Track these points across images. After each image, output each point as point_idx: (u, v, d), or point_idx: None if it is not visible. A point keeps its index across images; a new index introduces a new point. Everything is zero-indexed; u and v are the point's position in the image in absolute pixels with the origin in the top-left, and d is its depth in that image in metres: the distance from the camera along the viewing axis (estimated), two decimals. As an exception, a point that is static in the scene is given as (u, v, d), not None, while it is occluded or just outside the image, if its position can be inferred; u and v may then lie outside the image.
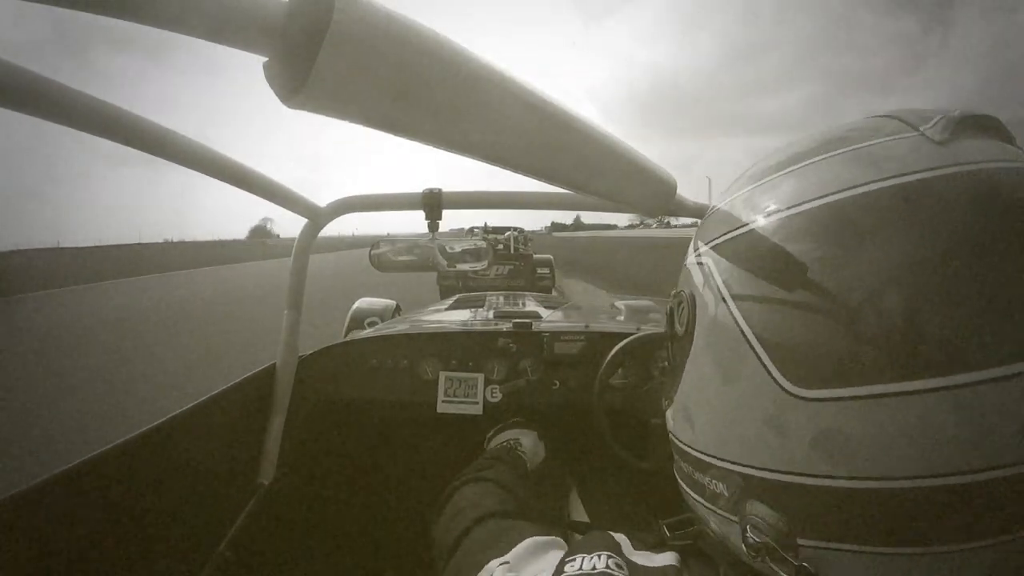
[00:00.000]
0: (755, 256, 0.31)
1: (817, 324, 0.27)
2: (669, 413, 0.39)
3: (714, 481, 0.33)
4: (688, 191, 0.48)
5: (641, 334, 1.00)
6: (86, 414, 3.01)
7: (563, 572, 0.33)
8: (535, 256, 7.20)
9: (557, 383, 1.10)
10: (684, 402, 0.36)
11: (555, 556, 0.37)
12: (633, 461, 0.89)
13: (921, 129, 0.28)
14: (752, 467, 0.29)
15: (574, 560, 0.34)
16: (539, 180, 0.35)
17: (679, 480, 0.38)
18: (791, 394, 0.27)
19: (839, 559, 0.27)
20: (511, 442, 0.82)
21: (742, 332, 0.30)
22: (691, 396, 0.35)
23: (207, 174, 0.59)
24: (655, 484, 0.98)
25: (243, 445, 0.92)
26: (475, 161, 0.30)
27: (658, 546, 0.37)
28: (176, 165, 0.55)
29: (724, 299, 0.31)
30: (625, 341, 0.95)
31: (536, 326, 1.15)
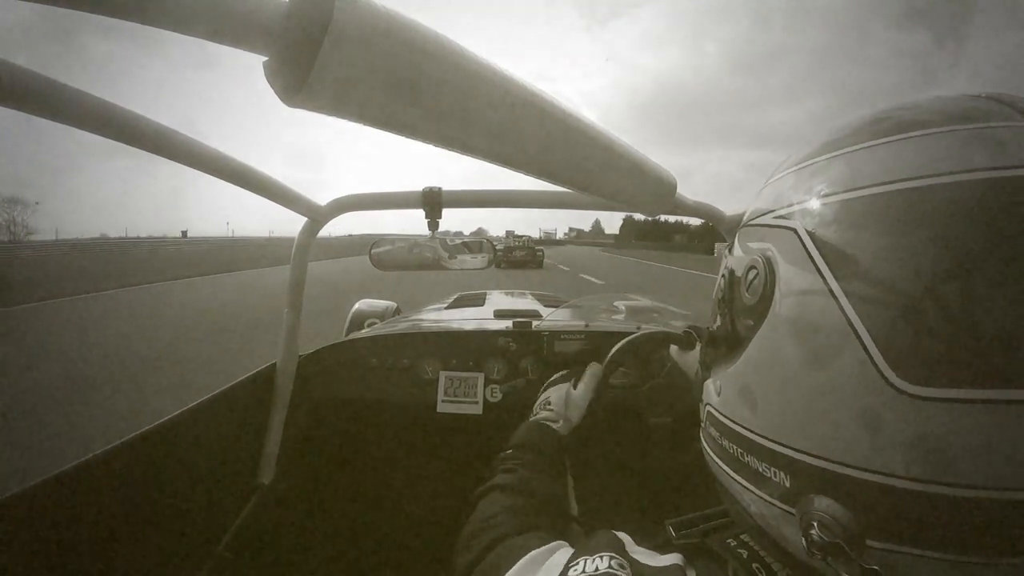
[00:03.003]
0: (869, 225, 0.27)
1: (938, 317, 0.24)
2: (711, 386, 0.36)
3: (773, 469, 0.30)
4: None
5: (641, 333, 1.00)
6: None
7: None
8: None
9: None
10: (744, 379, 0.32)
11: (556, 561, 0.36)
12: (633, 460, 0.89)
13: None
14: (831, 461, 0.27)
15: (577, 564, 0.34)
16: (539, 179, 0.35)
17: (714, 458, 0.36)
18: (897, 389, 0.25)
19: (911, 563, 0.26)
20: (542, 407, 0.76)
21: (845, 315, 0.26)
22: (757, 373, 0.31)
23: (208, 172, 0.59)
24: (655, 484, 0.98)
25: (243, 445, 0.92)
26: (475, 160, 0.30)
27: (663, 547, 0.36)
28: (174, 164, 0.55)
29: (823, 275, 0.28)
30: (626, 340, 0.95)
31: (536, 325, 1.15)
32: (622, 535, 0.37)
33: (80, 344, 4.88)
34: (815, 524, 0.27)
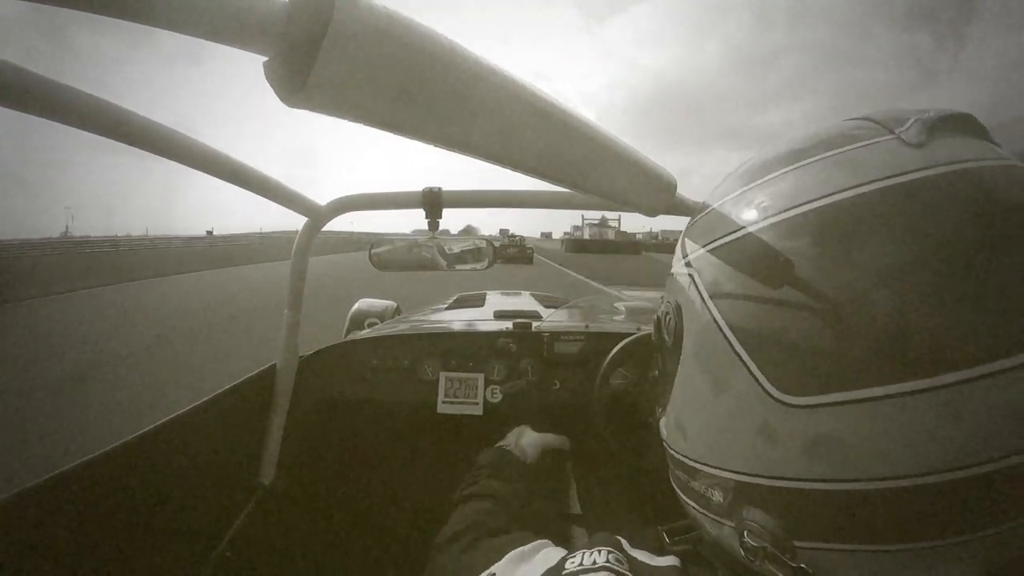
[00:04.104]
0: (738, 264, 0.31)
1: (803, 330, 0.27)
2: (663, 423, 0.40)
3: (709, 488, 0.33)
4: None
5: (642, 334, 1.00)
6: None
7: (564, 568, 0.34)
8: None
9: (557, 383, 1.10)
10: (676, 412, 0.36)
11: (544, 557, 0.38)
12: (633, 460, 0.89)
13: (896, 132, 0.29)
14: (745, 474, 0.30)
15: (575, 557, 0.35)
16: (539, 179, 0.35)
17: (676, 488, 0.39)
18: (781, 402, 0.27)
19: (837, 559, 0.27)
20: (502, 447, 0.80)
21: (728, 341, 0.30)
22: (682, 406, 0.35)
23: (208, 172, 0.59)
24: (655, 485, 0.98)
25: (243, 445, 0.92)
26: (475, 160, 0.30)
27: (658, 551, 0.37)
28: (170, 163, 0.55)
29: (709, 309, 0.32)
30: (625, 341, 0.95)
31: (536, 326, 1.16)
32: (619, 537, 0.38)
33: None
34: (745, 533, 0.30)
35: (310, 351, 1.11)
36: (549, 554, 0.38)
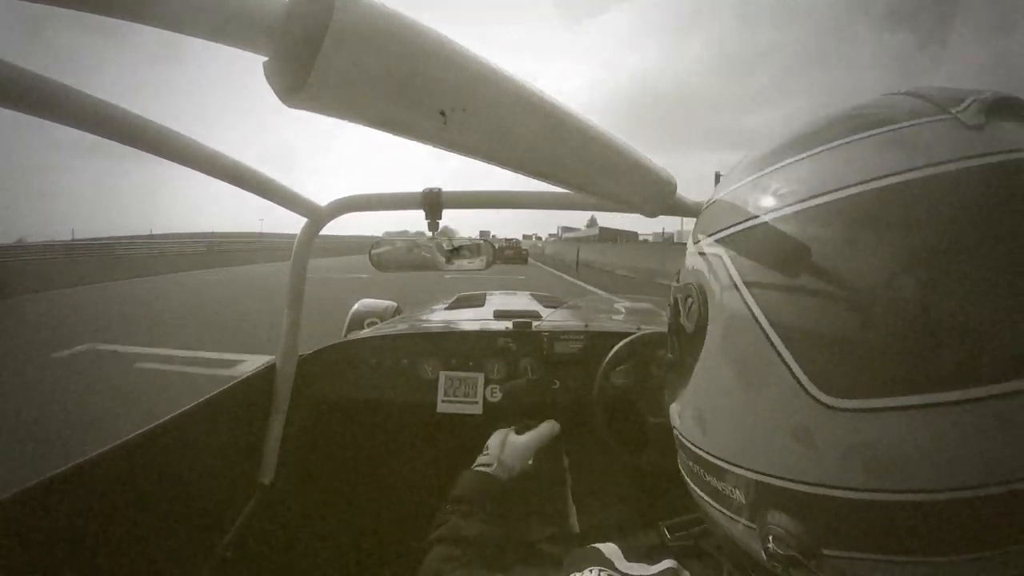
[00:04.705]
0: (778, 250, 0.28)
1: (852, 328, 0.25)
2: (675, 409, 0.37)
3: (729, 487, 0.31)
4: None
5: (642, 333, 1.00)
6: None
7: None
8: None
9: (557, 383, 1.11)
10: (695, 403, 0.33)
11: None
12: (632, 459, 0.89)
13: (953, 112, 0.26)
14: (776, 477, 0.28)
15: None
16: (539, 180, 0.35)
17: (685, 477, 0.37)
18: (823, 404, 0.25)
19: (865, 569, 0.26)
20: (482, 453, 0.77)
21: (767, 336, 0.27)
22: (704, 398, 0.33)
23: (207, 173, 0.59)
24: (654, 484, 0.98)
25: (243, 445, 0.92)
26: (475, 161, 0.30)
27: (657, 547, 0.36)
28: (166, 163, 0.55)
29: (744, 298, 0.29)
30: (626, 340, 0.96)
31: (536, 326, 1.16)
32: (613, 549, 0.37)
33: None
34: (771, 538, 0.28)
35: (310, 351, 1.11)
36: None
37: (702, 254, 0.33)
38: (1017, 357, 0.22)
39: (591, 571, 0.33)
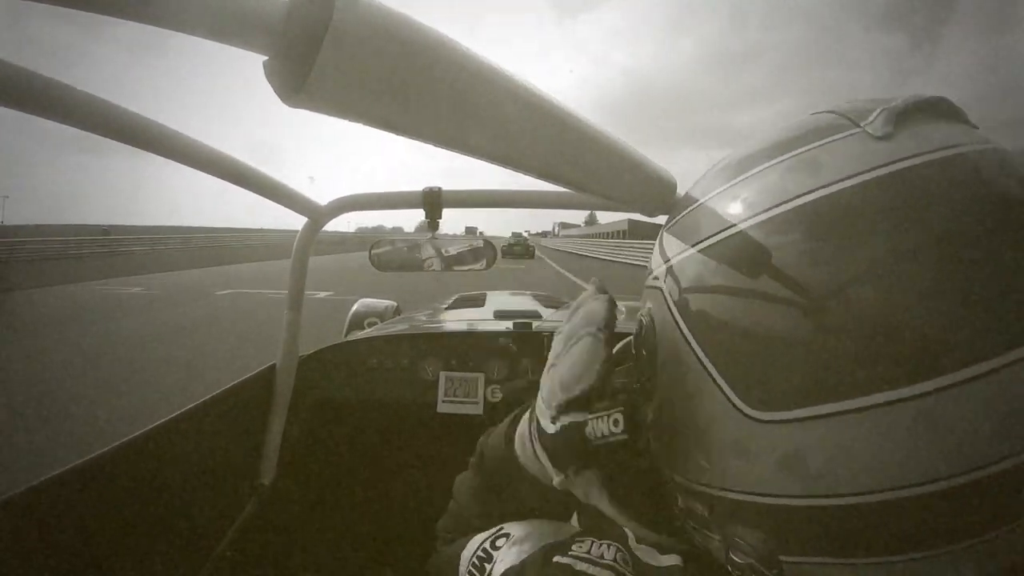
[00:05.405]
0: (703, 278, 0.30)
1: (769, 344, 0.26)
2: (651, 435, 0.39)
3: (691, 502, 0.32)
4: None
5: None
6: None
7: (570, 550, 0.34)
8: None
9: None
10: (656, 425, 0.35)
11: (539, 533, 0.38)
12: (632, 459, 0.89)
13: (862, 125, 0.27)
14: (724, 489, 0.29)
15: (583, 542, 0.34)
16: (539, 179, 0.35)
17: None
18: (752, 418, 0.26)
19: (824, 572, 0.27)
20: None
21: (697, 356, 0.29)
22: (661, 420, 0.35)
23: (206, 171, 0.59)
24: (654, 484, 0.98)
25: (243, 445, 0.92)
26: (475, 160, 0.30)
27: (661, 547, 0.36)
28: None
29: (678, 324, 0.31)
30: (626, 340, 0.95)
31: (536, 326, 1.16)
32: (624, 529, 0.37)
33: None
34: (730, 549, 0.29)
35: (310, 351, 1.11)
36: (544, 528, 0.38)
37: (650, 287, 0.36)
38: (933, 355, 0.23)
39: (608, 545, 0.34)
